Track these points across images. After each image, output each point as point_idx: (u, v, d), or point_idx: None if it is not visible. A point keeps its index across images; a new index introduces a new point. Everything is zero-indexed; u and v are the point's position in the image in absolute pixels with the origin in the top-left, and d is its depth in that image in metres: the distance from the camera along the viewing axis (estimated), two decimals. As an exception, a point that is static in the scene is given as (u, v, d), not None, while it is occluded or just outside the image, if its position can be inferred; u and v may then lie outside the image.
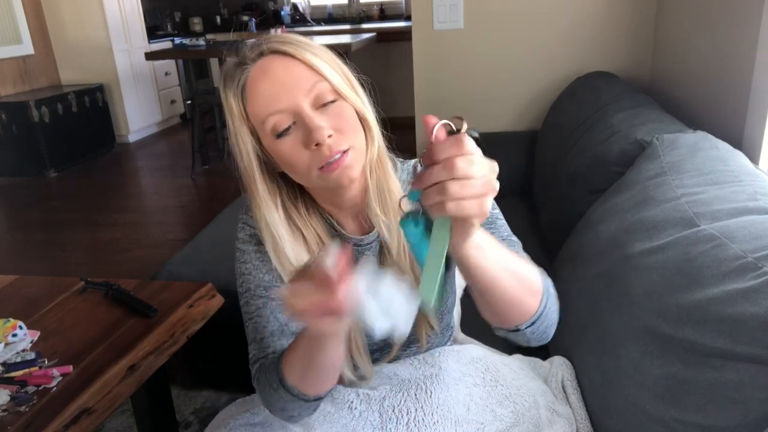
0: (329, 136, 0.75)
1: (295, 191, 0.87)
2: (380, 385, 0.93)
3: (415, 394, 0.90)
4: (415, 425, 0.87)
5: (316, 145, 0.75)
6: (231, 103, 0.79)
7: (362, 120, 0.81)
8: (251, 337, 0.88)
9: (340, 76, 0.79)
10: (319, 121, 0.75)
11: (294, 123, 0.76)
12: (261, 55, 0.78)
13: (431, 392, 0.91)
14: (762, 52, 1.31)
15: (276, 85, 0.76)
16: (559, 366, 1.09)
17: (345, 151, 0.77)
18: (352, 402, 0.91)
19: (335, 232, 0.90)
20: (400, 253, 0.86)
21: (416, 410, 0.88)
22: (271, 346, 0.85)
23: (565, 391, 1.04)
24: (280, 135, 0.77)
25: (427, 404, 0.89)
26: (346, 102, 0.79)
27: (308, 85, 0.76)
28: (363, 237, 0.89)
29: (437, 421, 0.87)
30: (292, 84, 0.76)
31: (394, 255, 0.86)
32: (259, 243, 0.87)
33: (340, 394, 0.92)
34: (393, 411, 0.89)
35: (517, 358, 1.10)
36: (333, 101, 0.78)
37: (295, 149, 0.77)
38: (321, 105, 0.77)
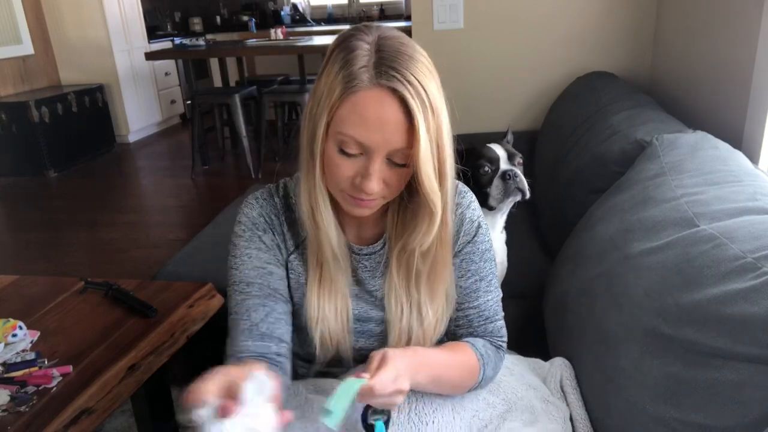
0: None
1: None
2: None
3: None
4: (416, 414, 0.88)
5: (361, 188, 0.77)
6: (333, 90, 0.74)
7: (425, 204, 0.79)
8: (229, 331, 0.90)
9: (432, 158, 0.75)
10: (380, 174, 0.76)
11: (361, 154, 0.76)
12: (383, 83, 0.72)
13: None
14: (762, 53, 1.31)
15: (374, 121, 0.73)
16: (558, 366, 1.10)
17: (376, 199, 0.79)
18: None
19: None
20: (401, 273, 0.89)
21: (417, 400, 0.90)
22: (240, 345, 0.88)
23: (563, 390, 1.05)
24: (342, 152, 0.76)
25: (426, 394, 0.91)
26: (409, 170, 0.78)
27: (399, 145, 0.74)
28: (362, 247, 0.92)
29: (436, 410, 0.89)
30: (387, 132, 0.74)
31: (395, 276, 0.89)
32: (258, 228, 0.90)
33: None
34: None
35: (510, 357, 1.11)
36: (404, 165, 0.77)
37: (343, 169, 0.77)
38: (392, 162, 0.77)
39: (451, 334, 0.97)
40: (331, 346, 0.91)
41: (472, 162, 1.23)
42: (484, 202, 1.22)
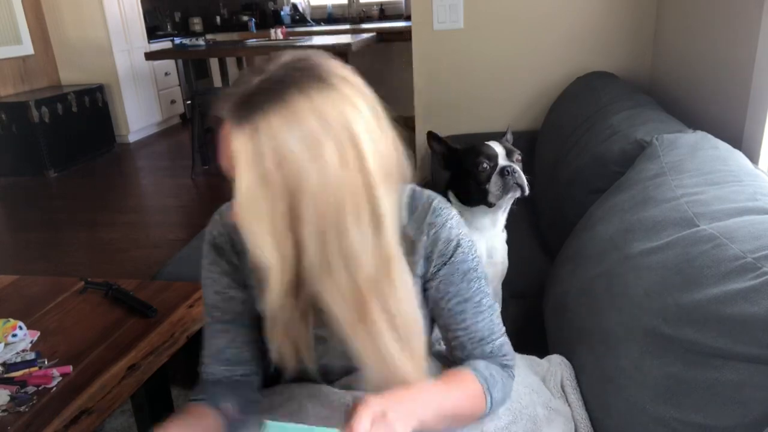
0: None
1: None
2: None
3: None
4: None
5: None
6: None
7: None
8: (202, 348, 0.93)
9: (263, 206, 0.65)
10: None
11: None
12: (231, 119, 0.67)
13: None
14: (762, 52, 1.31)
15: (220, 151, 0.69)
16: (557, 365, 1.09)
17: None
18: (348, 405, 0.88)
19: None
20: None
21: None
22: (208, 366, 0.91)
23: (564, 391, 1.05)
24: None
25: None
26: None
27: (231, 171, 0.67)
28: None
29: None
30: (228, 163, 0.68)
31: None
32: (218, 250, 0.90)
33: (336, 396, 0.90)
34: None
35: None
36: None
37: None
38: None
39: (451, 357, 0.92)
40: (294, 364, 0.86)
41: (471, 159, 1.24)
42: (484, 198, 1.22)
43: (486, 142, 1.27)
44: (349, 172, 0.65)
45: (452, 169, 1.31)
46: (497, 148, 1.25)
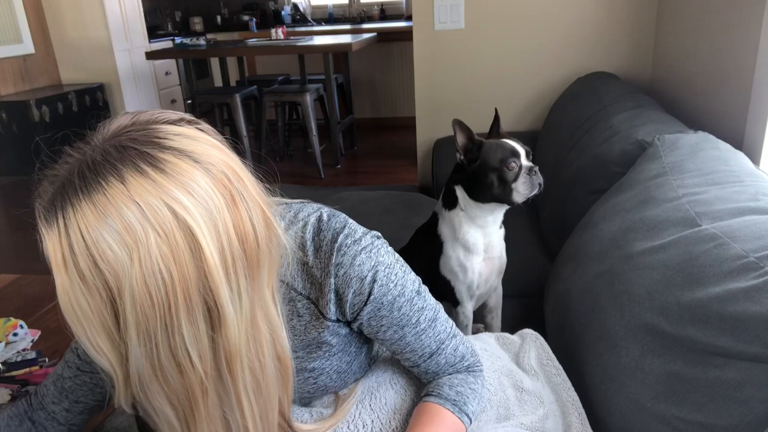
0: None
1: None
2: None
3: (370, 405, 0.84)
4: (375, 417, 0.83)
5: None
6: None
7: None
8: None
9: (82, 310, 0.61)
10: None
11: None
12: (43, 219, 0.63)
13: (385, 399, 0.85)
14: (763, 53, 1.31)
15: None
16: (531, 342, 1.07)
17: None
18: (306, 422, 0.83)
19: None
20: None
21: (372, 421, 0.83)
22: (42, 386, 0.88)
23: (546, 373, 1.02)
24: None
25: (383, 412, 0.83)
26: None
27: None
28: None
29: (396, 427, 0.82)
30: None
31: None
32: None
33: (294, 414, 0.84)
34: (348, 427, 0.82)
35: (479, 338, 1.08)
36: None
37: None
38: None
39: (422, 381, 0.89)
40: None
41: (498, 156, 1.21)
42: (507, 196, 1.21)
43: (506, 140, 1.26)
44: (180, 265, 0.56)
45: (471, 161, 1.27)
46: (518, 147, 1.25)
